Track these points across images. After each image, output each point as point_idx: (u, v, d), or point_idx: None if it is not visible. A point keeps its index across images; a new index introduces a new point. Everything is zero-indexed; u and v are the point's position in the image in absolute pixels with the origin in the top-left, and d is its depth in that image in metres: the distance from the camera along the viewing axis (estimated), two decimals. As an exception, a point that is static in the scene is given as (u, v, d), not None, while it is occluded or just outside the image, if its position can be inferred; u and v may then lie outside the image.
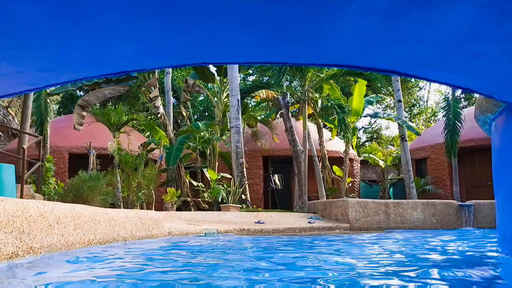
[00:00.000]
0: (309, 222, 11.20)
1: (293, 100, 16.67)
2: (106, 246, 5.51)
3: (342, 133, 14.86)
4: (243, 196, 13.23)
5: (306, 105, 16.01)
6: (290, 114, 14.84)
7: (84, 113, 15.54)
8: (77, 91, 24.89)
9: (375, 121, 32.36)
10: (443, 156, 19.81)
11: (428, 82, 35.41)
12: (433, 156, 20.25)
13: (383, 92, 24.68)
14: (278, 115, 15.49)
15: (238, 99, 14.13)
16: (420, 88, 33.77)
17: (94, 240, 5.36)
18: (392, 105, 31.64)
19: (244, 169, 13.85)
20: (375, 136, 30.84)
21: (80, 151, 17.69)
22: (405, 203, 12.21)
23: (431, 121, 33.38)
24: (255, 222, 10.44)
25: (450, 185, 19.34)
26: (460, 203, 12.45)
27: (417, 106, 32.67)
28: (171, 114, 18.85)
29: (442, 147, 19.72)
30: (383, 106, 32.84)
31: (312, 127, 19.67)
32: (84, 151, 16.01)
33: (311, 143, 16.84)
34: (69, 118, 18.17)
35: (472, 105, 23.94)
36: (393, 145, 27.72)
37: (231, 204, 12.23)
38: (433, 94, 37.61)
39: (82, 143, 16.85)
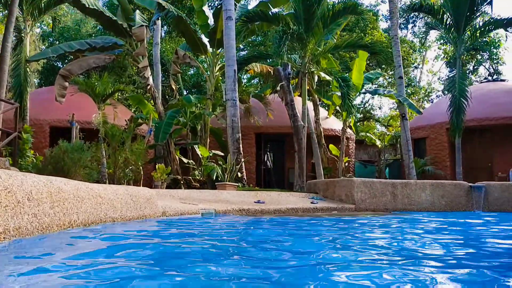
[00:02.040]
0: (312, 203, 10.34)
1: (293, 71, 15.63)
2: (92, 229, 4.56)
3: (345, 109, 13.90)
4: (239, 174, 12.30)
5: (306, 79, 15.01)
6: (291, 86, 13.85)
7: (67, 84, 14.39)
8: (59, 62, 23.55)
9: (367, 101, 31.53)
10: (443, 136, 19.08)
11: (422, 61, 34.63)
12: (432, 136, 19.50)
13: (384, 69, 23.73)
14: (278, 88, 14.45)
15: (235, 70, 13.09)
16: (416, 67, 33.01)
17: (76, 221, 4.40)
18: (385, 84, 30.79)
19: (241, 145, 12.89)
20: (367, 116, 29.99)
21: (62, 125, 16.55)
22: (413, 183, 11.41)
23: (424, 102, 32.69)
24: (255, 202, 9.55)
25: (450, 166, 18.64)
26: (471, 184, 11.67)
27: (412, 86, 31.86)
28: (160, 88, 17.76)
29: (443, 127, 18.98)
30: (375, 86, 31.96)
31: (308, 104, 18.76)
32: (67, 125, 14.89)
33: (309, 120, 15.90)
34: (51, 89, 16.92)
35: (476, 83, 23.18)
36: (389, 125, 26.90)
37: (227, 183, 11.30)
38: (425, 75, 36.68)
39: (64, 116, 15.71)
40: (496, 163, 18.61)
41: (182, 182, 13.71)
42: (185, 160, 15.09)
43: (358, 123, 30.12)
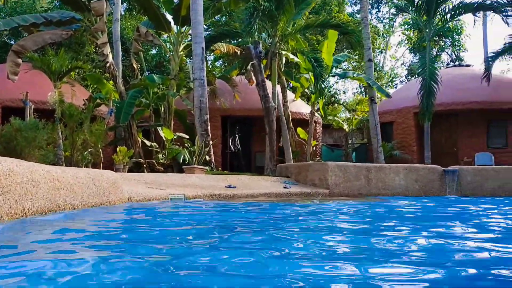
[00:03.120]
0: (284, 187, 9.89)
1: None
2: (50, 217, 3.91)
3: (318, 90, 13.41)
4: (207, 158, 11.68)
5: (277, 59, 14.44)
6: (262, 66, 13.24)
7: (20, 61, 13.29)
8: (11, 39, 22.12)
9: (332, 85, 31.27)
10: (410, 120, 18.98)
11: (386, 47, 34.64)
12: (399, 120, 19.38)
13: (351, 52, 23.40)
14: (249, 66, 13.83)
15: (202, 47, 12.37)
16: (382, 52, 32.97)
17: (31, 209, 3.74)
18: (350, 68, 30.58)
19: (209, 127, 12.26)
20: (333, 101, 29.74)
21: (15, 104, 15.42)
22: (387, 167, 11.12)
23: (388, 87, 32.72)
24: (226, 187, 9.00)
25: (417, 151, 18.58)
26: (444, 168, 11.46)
27: (376, 71, 31.79)
28: (120, 67, 16.83)
29: (410, 111, 18.87)
30: (340, 70, 31.69)
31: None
32: (20, 104, 13.83)
33: (278, 103, 15.38)
34: (2, 67, 15.73)
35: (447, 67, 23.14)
36: (354, 110, 26.71)
37: (196, 166, 10.66)
38: (389, 60, 36.70)
39: (17, 95, 14.60)
40: (462, 148, 18.67)
41: (145, 165, 12.97)
42: (147, 143, 14.36)
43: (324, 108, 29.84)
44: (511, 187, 11.32)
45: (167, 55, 20.18)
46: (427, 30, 16.73)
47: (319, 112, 18.97)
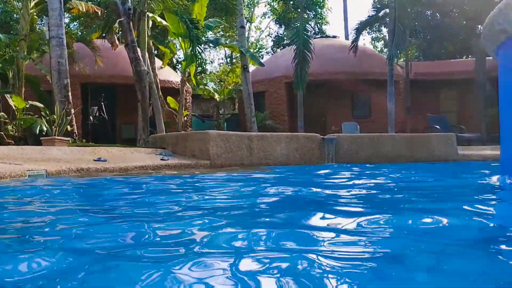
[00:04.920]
0: (162, 159, 8.91)
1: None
2: None
3: (193, 55, 12.39)
4: (69, 128, 10.17)
5: (146, 18, 13.11)
6: (131, 25, 11.83)
7: None
8: None
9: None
10: (281, 89, 18.89)
11: (251, 18, 34.49)
12: (271, 90, 19.21)
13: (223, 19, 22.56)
14: (116, 26, 12.31)
15: (60, 1, 10.65)
16: (248, 22, 32.66)
17: None
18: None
19: (69, 93, 10.67)
20: (200, 70, 28.85)
21: None
22: (269, 136, 10.64)
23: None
24: (95, 160, 7.78)
25: (289, 120, 18.59)
26: (323, 136, 11.32)
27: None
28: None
29: (281, 81, 18.77)
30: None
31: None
32: None
33: (147, 68, 14.10)
34: None
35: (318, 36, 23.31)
36: (221, 81, 26.10)
37: (57, 137, 9.14)
38: (254, 31, 36.71)
39: None
40: (330, 117, 19.08)
41: (-9, 139, 11.02)
42: (-7, 112, 12.30)
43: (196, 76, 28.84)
44: (384, 154, 11.60)
45: (15, 14, 17.66)
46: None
47: (191, 82, 18.02)
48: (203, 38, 14.69)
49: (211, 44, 15.79)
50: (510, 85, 4.40)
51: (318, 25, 31.06)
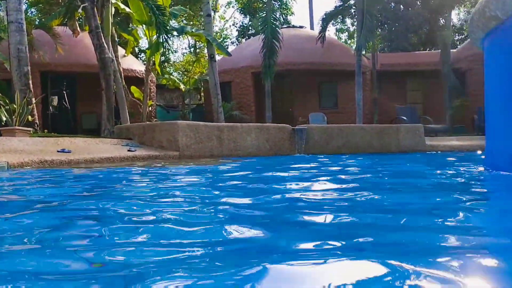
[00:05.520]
0: (129, 150, 8.56)
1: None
2: None
3: (160, 43, 11.95)
4: (30, 118, 9.64)
5: (110, 5, 12.57)
6: (96, 10, 11.30)
7: None
8: None
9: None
10: (248, 80, 18.63)
11: (215, 8, 33.97)
12: (237, 80, 18.91)
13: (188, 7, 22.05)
14: (79, 11, 11.74)
15: (18, -17, 10.08)
16: (212, 11, 32.11)
17: None
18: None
19: (30, 81, 10.11)
20: (163, 60, 28.21)
21: None
22: (239, 127, 10.41)
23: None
24: (59, 151, 7.37)
25: (256, 111, 18.37)
26: (294, 127, 11.17)
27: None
28: None
29: (248, 71, 18.50)
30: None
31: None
32: None
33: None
34: None
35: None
36: (186, 71, 25.62)
37: (17, 127, 8.63)
38: (218, 20, 36.17)
39: None
40: (297, 108, 18.96)
41: None
42: None
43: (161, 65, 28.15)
44: (353, 145, 11.55)
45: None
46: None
47: (155, 71, 17.53)
48: (170, 26, 14.23)
49: (175, 33, 15.26)
50: (496, 73, 4.30)
51: (284, 15, 30.85)
